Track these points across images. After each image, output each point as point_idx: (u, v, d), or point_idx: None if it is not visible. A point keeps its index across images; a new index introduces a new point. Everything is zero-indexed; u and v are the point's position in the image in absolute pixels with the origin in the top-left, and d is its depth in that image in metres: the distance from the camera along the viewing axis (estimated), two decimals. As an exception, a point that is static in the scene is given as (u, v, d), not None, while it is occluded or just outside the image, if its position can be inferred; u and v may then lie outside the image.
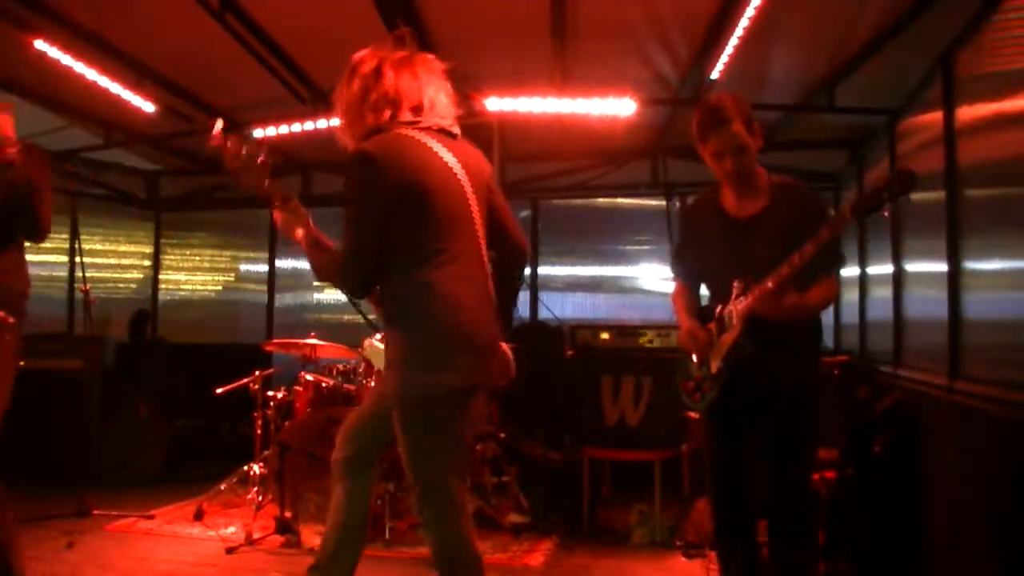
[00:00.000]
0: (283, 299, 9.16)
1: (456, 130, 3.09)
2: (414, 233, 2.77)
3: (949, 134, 4.30)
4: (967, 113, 4.14)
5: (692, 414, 3.65)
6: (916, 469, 4.33)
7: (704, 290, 3.67)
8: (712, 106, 3.29)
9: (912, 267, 5.25)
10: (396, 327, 2.84)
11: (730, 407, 3.36)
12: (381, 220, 2.74)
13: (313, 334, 6.17)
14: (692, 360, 3.52)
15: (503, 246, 3.08)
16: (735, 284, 3.25)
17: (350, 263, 2.81)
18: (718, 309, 3.37)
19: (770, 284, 3.06)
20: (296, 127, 6.60)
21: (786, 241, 3.09)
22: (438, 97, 3.17)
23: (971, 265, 4.12)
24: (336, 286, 3.02)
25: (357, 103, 2.99)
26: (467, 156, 3.01)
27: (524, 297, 7.86)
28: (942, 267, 4.32)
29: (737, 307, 3.24)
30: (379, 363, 3.16)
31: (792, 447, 3.28)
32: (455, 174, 2.88)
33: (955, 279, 4.23)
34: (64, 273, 8.35)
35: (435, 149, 2.89)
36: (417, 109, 3.03)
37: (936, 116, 4.49)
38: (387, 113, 2.94)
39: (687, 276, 3.71)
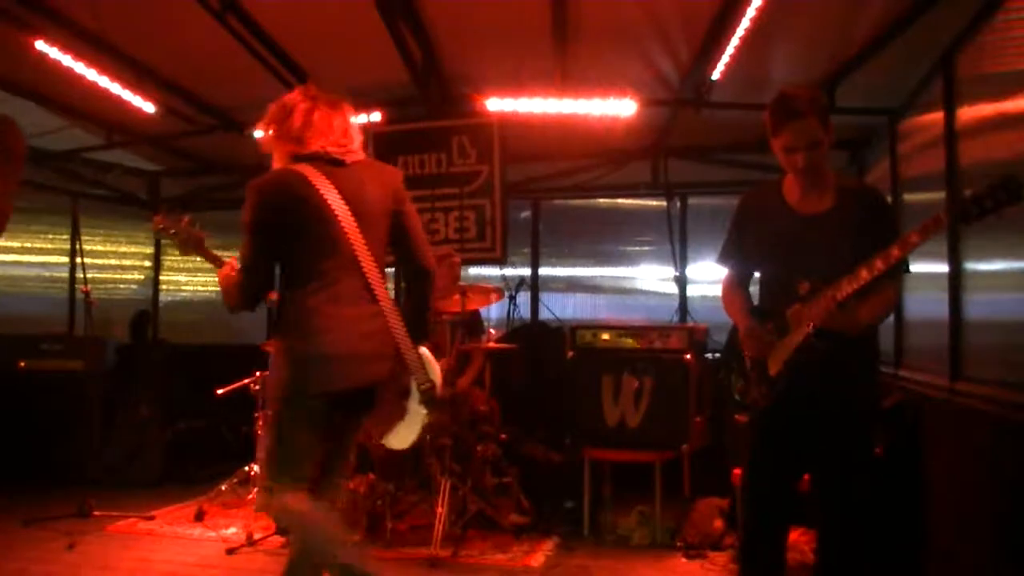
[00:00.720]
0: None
1: (350, 159, 3.31)
2: (290, 256, 3.19)
3: (950, 134, 4.30)
4: (968, 113, 4.14)
5: (740, 417, 3.40)
6: (917, 470, 4.33)
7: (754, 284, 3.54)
8: (787, 97, 3.13)
9: (913, 268, 5.21)
10: (274, 335, 3.31)
11: (785, 412, 3.19)
12: (263, 245, 3.19)
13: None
14: (744, 359, 3.35)
15: (407, 264, 3.45)
16: (801, 285, 3.09)
17: (243, 278, 3.22)
18: (781, 309, 3.20)
19: (845, 288, 2.91)
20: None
21: (852, 244, 3.02)
22: (337, 132, 3.35)
23: (972, 266, 4.12)
24: (234, 303, 3.29)
25: (271, 140, 3.41)
26: (356, 183, 3.25)
27: (525, 298, 7.84)
28: (943, 268, 4.32)
29: (806, 311, 3.06)
30: None
31: (848, 462, 3.16)
32: (328, 204, 3.15)
33: (956, 280, 4.23)
34: (65, 274, 8.35)
35: (314, 181, 3.17)
36: (316, 143, 3.30)
37: (937, 116, 4.49)
38: (290, 148, 3.31)
39: (742, 267, 3.52)
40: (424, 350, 3.33)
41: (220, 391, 6.12)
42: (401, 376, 3.28)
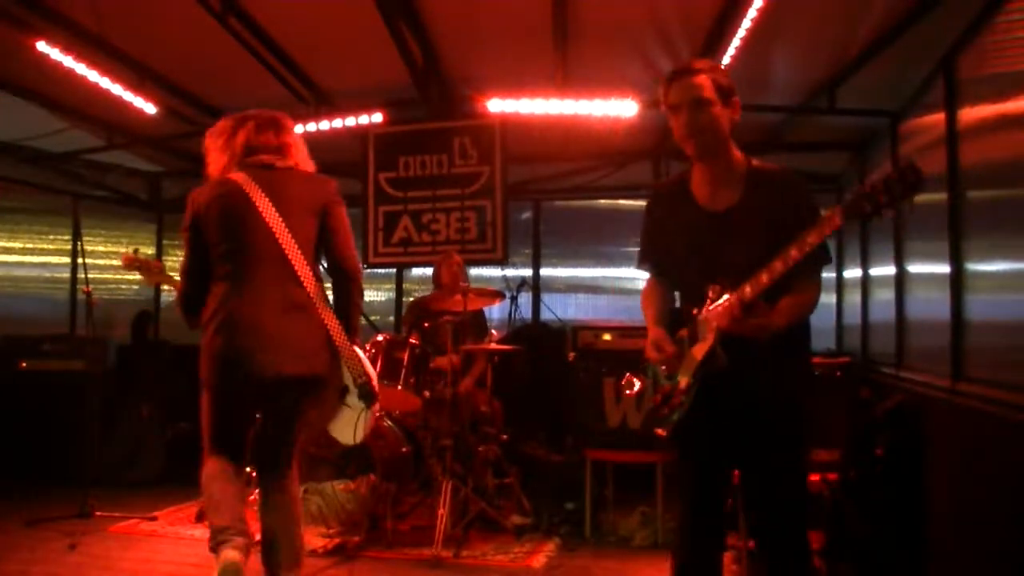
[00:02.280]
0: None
1: (280, 164, 3.62)
2: (218, 256, 3.50)
3: (951, 136, 4.30)
4: (969, 115, 4.14)
5: (659, 431, 3.06)
6: (918, 471, 4.33)
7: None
8: (681, 63, 3.01)
9: (914, 268, 5.24)
10: None
11: (702, 425, 2.93)
12: (196, 249, 3.57)
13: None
14: (660, 371, 3.13)
15: (330, 265, 3.64)
16: (710, 289, 2.86)
17: (183, 284, 3.63)
18: (693, 314, 2.97)
19: (747, 292, 2.69)
20: (298, 128, 6.60)
21: (766, 238, 2.77)
22: (269, 140, 3.68)
23: (974, 267, 4.11)
24: (178, 312, 3.67)
25: (215, 152, 3.78)
26: (281, 184, 3.55)
27: (526, 299, 7.84)
28: (944, 268, 4.32)
29: (711, 316, 2.84)
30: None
31: (780, 464, 2.91)
32: (256, 204, 3.45)
33: (958, 281, 4.22)
34: (66, 275, 8.35)
35: (245, 187, 3.49)
36: (250, 152, 3.64)
37: (938, 118, 4.49)
38: (226, 160, 3.69)
39: (658, 271, 3.29)
40: (356, 348, 3.54)
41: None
42: (336, 372, 3.52)
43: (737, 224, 2.91)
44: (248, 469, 6.05)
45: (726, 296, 2.78)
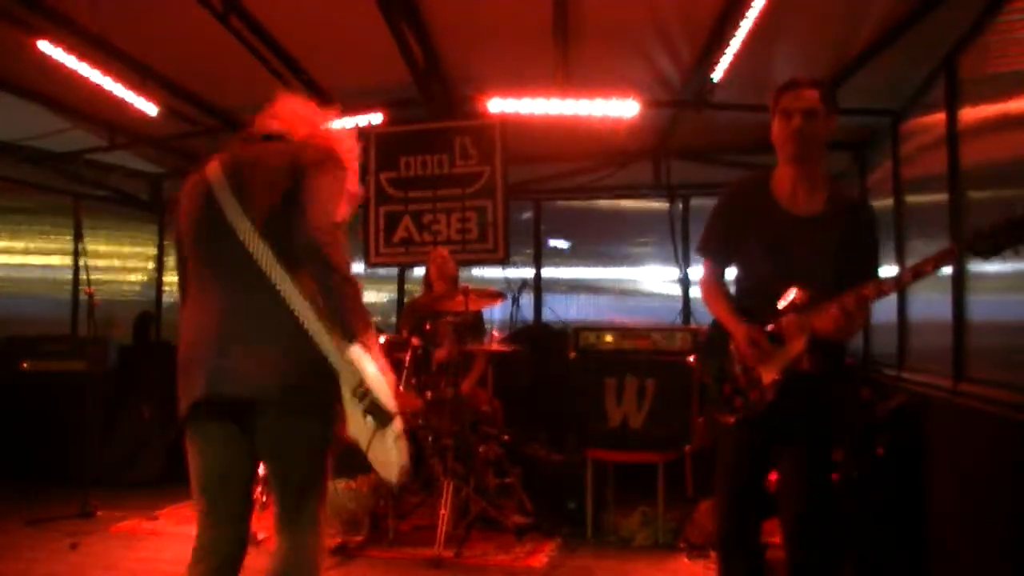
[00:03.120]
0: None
1: (265, 132, 3.00)
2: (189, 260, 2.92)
3: (952, 136, 4.30)
4: (970, 115, 4.14)
5: (727, 418, 3.28)
6: (919, 471, 4.33)
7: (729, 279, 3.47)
8: (793, 77, 3.28)
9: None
10: None
11: (774, 419, 3.15)
12: (176, 254, 3.01)
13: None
14: (732, 361, 3.28)
15: (299, 249, 2.68)
16: (797, 292, 3.06)
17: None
18: (768, 313, 3.14)
19: (852, 303, 2.87)
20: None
21: (836, 254, 3.07)
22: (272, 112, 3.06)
23: (975, 267, 4.11)
24: None
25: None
26: (250, 159, 2.87)
27: (528, 299, 7.85)
28: (946, 269, 4.30)
29: (806, 320, 3.02)
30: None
31: (826, 454, 3.28)
32: (212, 190, 2.85)
33: (959, 281, 4.22)
34: (68, 275, 8.35)
35: (207, 171, 2.92)
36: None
37: (939, 117, 4.48)
38: None
39: (722, 261, 3.45)
40: (355, 349, 2.68)
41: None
42: (318, 387, 2.78)
43: (821, 232, 3.12)
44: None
45: (819, 304, 2.97)
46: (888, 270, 5.68)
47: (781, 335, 3.10)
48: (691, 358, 5.60)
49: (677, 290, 7.79)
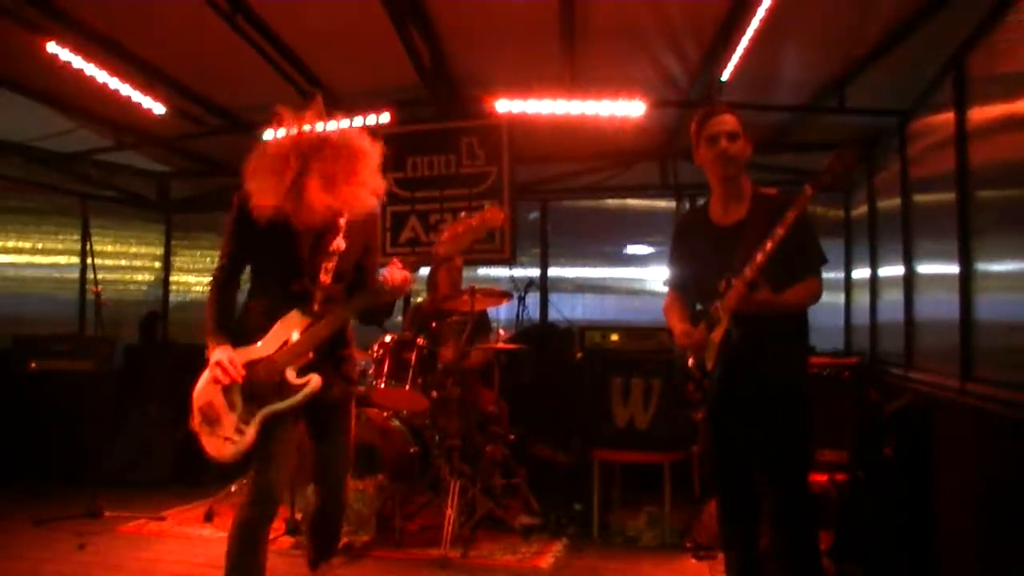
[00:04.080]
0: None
1: None
2: None
3: (960, 135, 4.29)
4: (979, 114, 4.13)
5: (698, 414, 3.70)
6: (927, 471, 4.32)
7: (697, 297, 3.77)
8: (709, 106, 3.62)
9: (923, 269, 5.23)
10: None
11: (729, 402, 3.45)
12: None
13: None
14: (690, 362, 3.60)
15: None
16: (721, 284, 3.34)
17: None
18: (709, 309, 3.47)
19: (747, 273, 3.19)
20: (306, 128, 6.60)
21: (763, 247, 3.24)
22: None
23: (983, 267, 4.10)
24: None
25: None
26: None
27: (534, 299, 7.84)
28: (954, 269, 4.30)
29: (722, 303, 3.33)
30: None
31: (788, 443, 3.34)
32: None
33: (967, 281, 4.21)
34: (75, 275, 8.37)
35: None
36: None
37: (947, 117, 4.47)
38: None
39: (679, 285, 3.84)
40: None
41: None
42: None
43: (744, 233, 3.38)
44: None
45: (731, 285, 3.28)
46: (892, 269, 5.67)
47: (711, 322, 3.43)
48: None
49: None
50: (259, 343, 3.40)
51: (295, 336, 3.36)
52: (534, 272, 8.10)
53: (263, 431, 3.37)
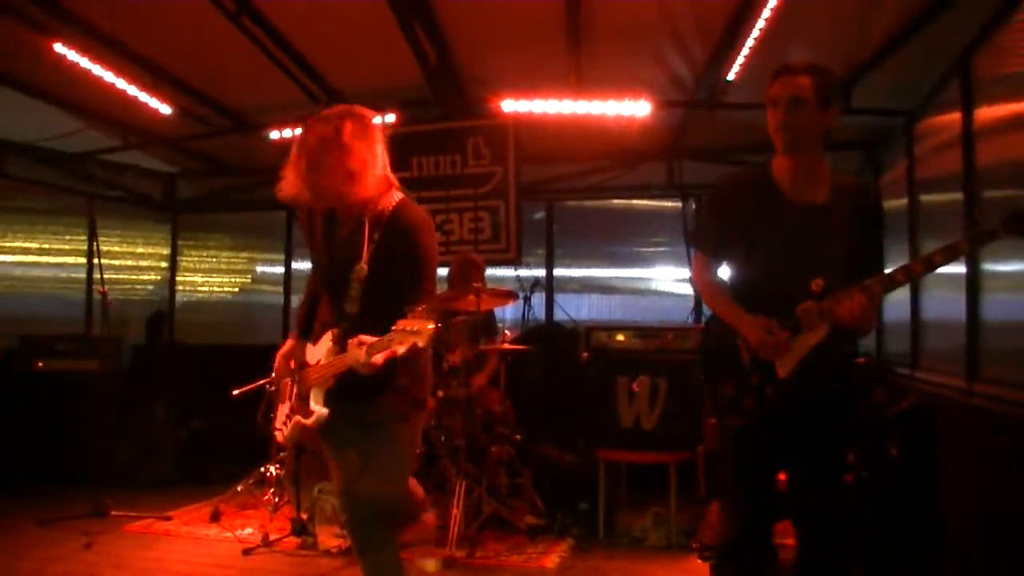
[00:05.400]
0: (299, 300, 9.12)
1: None
2: None
3: (967, 135, 4.28)
4: (985, 114, 4.12)
5: (735, 421, 3.10)
6: (933, 472, 4.31)
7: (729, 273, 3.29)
8: (788, 61, 3.12)
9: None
10: None
11: (788, 416, 3.01)
12: None
13: (329, 335, 6.16)
14: (739, 359, 3.07)
15: None
16: (815, 281, 2.90)
17: None
18: (782, 305, 2.97)
19: (880, 289, 2.82)
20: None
21: (847, 241, 2.95)
22: None
23: (990, 267, 4.10)
24: None
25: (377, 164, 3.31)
26: None
27: (540, 299, 7.84)
28: (960, 269, 4.29)
29: (821, 308, 2.88)
30: None
31: (840, 451, 3.21)
32: None
33: (973, 281, 4.21)
34: (82, 275, 8.38)
35: None
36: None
37: (954, 117, 4.46)
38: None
39: (720, 257, 3.27)
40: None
41: (236, 391, 6.12)
42: None
43: (827, 221, 2.99)
44: (262, 467, 6.09)
45: (841, 291, 2.85)
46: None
47: (798, 325, 2.95)
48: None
49: (689, 290, 7.76)
50: (315, 347, 3.30)
51: (323, 359, 3.21)
52: (540, 272, 8.09)
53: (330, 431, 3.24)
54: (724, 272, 3.29)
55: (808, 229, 3.00)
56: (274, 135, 6.82)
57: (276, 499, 5.75)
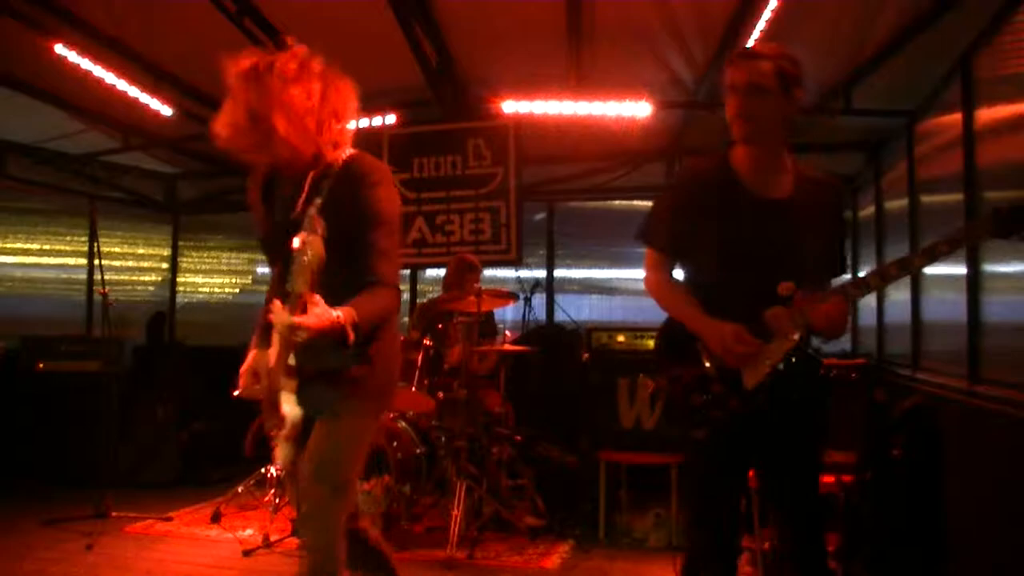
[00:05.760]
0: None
1: None
2: None
3: (968, 136, 4.27)
4: (986, 115, 4.12)
5: (698, 432, 2.86)
6: (934, 473, 4.30)
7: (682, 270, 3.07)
8: (749, 46, 2.95)
9: (930, 269, 5.21)
10: None
11: (756, 425, 2.79)
12: None
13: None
14: (701, 366, 2.86)
15: None
16: (783, 286, 2.69)
17: None
18: (748, 310, 2.74)
19: (855, 292, 2.66)
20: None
21: (818, 235, 2.77)
22: None
23: (991, 268, 4.09)
24: None
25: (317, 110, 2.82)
26: None
27: (540, 300, 7.84)
28: (961, 269, 4.29)
29: (793, 313, 2.68)
30: None
31: (811, 451, 2.92)
32: None
33: (974, 281, 4.20)
34: (83, 276, 8.39)
35: None
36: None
37: (955, 118, 4.46)
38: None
39: (673, 250, 3.01)
40: None
41: (236, 392, 6.11)
42: None
43: (797, 214, 2.78)
44: (263, 468, 6.09)
45: (813, 295, 2.67)
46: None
47: (767, 331, 2.73)
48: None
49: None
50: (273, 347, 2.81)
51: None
52: (540, 273, 8.09)
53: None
54: (679, 273, 3.07)
55: (769, 225, 2.78)
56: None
57: (277, 500, 5.74)
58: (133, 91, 5.98)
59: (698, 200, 2.90)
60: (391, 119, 6.90)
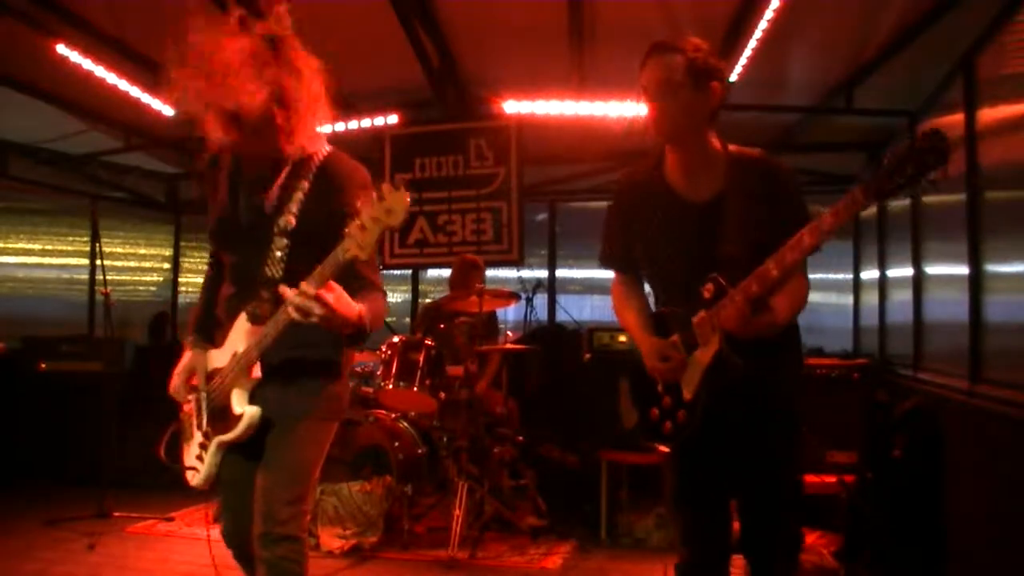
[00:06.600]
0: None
1: None
2: None
3: (970, 136, 4.27)
4: (988, 115, 4.12)
5: (663, 447, 2.83)
6: (936, 473, 4.30)
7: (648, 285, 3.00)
8: (656, 41, 2.69)
9: (932, 270, 5.21)
10: None
11: (710, 436, 2.63)
12: None
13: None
14: (652, 383, 2.81)
15: None
16: (705, 287, 2.53)
17: None
18: (684, 317, 2.62)
19: (753, 288, 2.40)
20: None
21: (758, 228, 2.54)
22: None
23: (992, 268, 4.09)
24: None
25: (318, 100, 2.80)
26: None
27: (542, 300, 7.84)
28: (963, 270, 4.29)
29: (713, 317, 2.51)
30: None
31: (785, 471, 2.73)
32: None
33: (976, 282, 4.20)
34: (85, 276, 8.39)
35: None
36: None
37: (957, 118, 4.46)
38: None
39: (628, 267, 2.98)
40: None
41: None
42: None
43: (726, 214, 2.61)
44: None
45: (726, 295, 2.47)
46: (901, 270, 5.65)
47: (694, 340, 2.60)
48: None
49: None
50: (222, 347, 2.76)
51: (241, 347, 2.61)
52: (542, 273, 8.09)
53: (224, 463, 2.76)
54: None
55: (701, 227, 2.64)
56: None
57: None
58: (135, 91, 5.99)
59: (634, 211, 2.84)
60: (393, 119, 6.90)
